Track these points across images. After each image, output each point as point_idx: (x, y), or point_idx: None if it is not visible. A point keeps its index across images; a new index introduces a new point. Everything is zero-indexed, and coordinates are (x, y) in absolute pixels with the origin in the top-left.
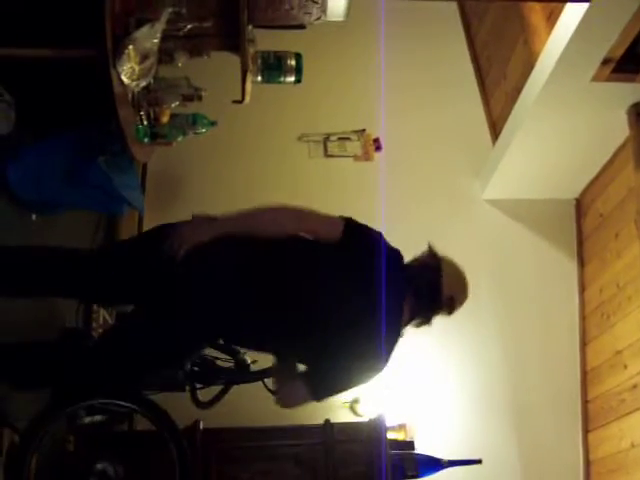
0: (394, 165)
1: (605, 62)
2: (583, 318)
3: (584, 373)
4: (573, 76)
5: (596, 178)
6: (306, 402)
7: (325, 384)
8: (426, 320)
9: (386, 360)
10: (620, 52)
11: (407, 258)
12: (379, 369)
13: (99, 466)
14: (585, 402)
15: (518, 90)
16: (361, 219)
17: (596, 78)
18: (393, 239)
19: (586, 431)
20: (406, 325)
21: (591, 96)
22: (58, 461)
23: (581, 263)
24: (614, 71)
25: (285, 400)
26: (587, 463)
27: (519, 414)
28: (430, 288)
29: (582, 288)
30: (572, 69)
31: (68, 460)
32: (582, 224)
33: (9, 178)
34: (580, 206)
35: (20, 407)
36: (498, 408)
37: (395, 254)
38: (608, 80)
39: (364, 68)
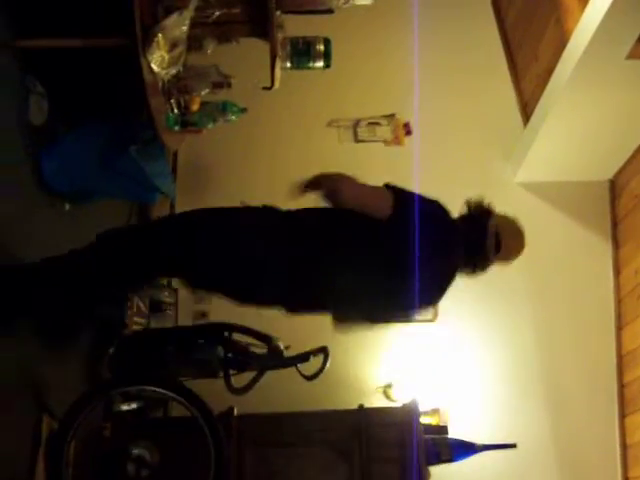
0: (425, 149)
1: None
2: (618, 301)
3: (620, 357)
4: (607, 54)
5: (630, 158)
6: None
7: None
8: (471, 263)
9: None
10: None
11: None
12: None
13: (135, 451)
14: (621, 386)
15: (550, 71)
16: None
17: (631, 56)
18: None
19: (622, 415)
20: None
21: (626, 74)
22: (96, 447)
23: (616, 245)
24: None
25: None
26: (624, 447)
27: (554, 398)
28: (476, 225)
29: (617, 271)
30: (606, 47)
31: (105, 446)
32: (616, 205)
33: (43, 168)
34: (614, 187)
35: (59, 394)
36: (533, 392)
37: (442, 216)
38: None
39: (393, 52)
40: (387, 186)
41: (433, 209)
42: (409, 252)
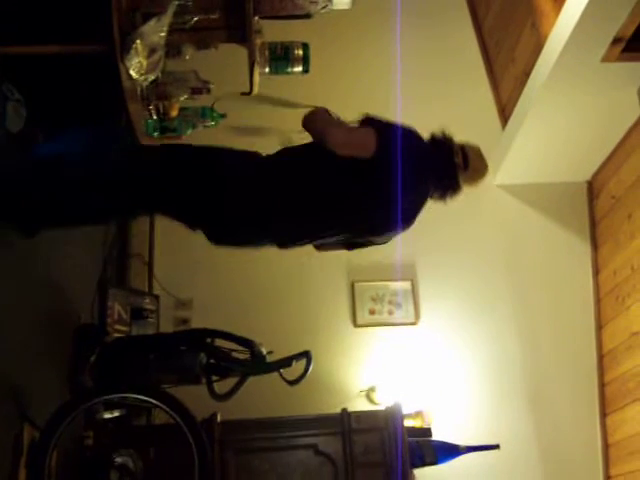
0: None
1: (615, 42)
2: (598, 301)
3: (600, 356)
4: (583, 57)
5: (608, 160)
6: None
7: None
8: (441, 185)
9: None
10: (630, 31)
11: None
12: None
13: (119, 460)
14: (602, 385)
15: (527, 74)
16: None
17: (606, 58)
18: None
19: (604, 414)
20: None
21: (601, 77)
22: (78, 456)
23: (594, 246)
24: (625, 50)
25: None
26: (606, 446)
27: (536, 399)
28: (443, 147)
29: (596, 271)
30: (581, 50)
31: (88, 455)
32: (594, 206)
33: None
34: (592, 188)
35: (40, 403)
36: (515, 393)
37: (420, 146)
38: (619, 60)
39: (371, 57)
40: (368, 121)
41: (412, 140)
42: (392, 184)
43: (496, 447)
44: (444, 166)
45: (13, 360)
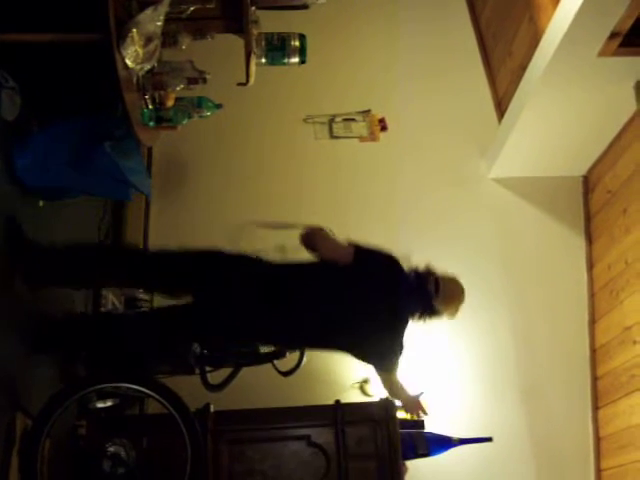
0: (400, 146)
1: (612, 36)
2: (592, 295)
3: (593, 350)
4: (579, 51)
5: (604, 154)
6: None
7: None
8: (419, 308)
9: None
10: (627, 25)
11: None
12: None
13: (111, 449)
14: (595, 379)
15: (524, 68)
16: (370, 201)
17: (603, 53)
18: (401, 222)
19: (596, 408)
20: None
21: (598, 71)
22: (71, 445)
23: (589, 240)
24: (621, 45)
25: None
26: (597, 439)
27: (529, 392)
28: (420, 276)
29: (590, 265)
30: (578, 44)
31: (81, 444)
32: (590, 201)
33: (16, 164)
34: (587, 183)
35: (33, 392)
36: (508, 386)
37: (397, 269)
38: (615, 55)
39: (368, 49)
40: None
41: (388, 258)
42: (371, 289)
43: (489, 440)
44: (417, 291)
45: (6, 349)
